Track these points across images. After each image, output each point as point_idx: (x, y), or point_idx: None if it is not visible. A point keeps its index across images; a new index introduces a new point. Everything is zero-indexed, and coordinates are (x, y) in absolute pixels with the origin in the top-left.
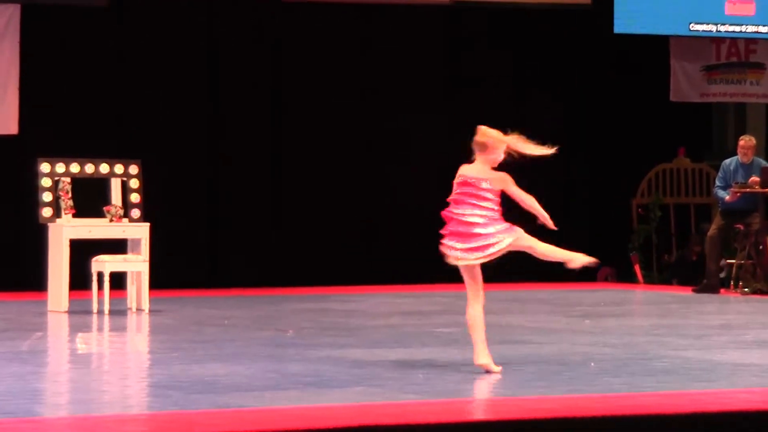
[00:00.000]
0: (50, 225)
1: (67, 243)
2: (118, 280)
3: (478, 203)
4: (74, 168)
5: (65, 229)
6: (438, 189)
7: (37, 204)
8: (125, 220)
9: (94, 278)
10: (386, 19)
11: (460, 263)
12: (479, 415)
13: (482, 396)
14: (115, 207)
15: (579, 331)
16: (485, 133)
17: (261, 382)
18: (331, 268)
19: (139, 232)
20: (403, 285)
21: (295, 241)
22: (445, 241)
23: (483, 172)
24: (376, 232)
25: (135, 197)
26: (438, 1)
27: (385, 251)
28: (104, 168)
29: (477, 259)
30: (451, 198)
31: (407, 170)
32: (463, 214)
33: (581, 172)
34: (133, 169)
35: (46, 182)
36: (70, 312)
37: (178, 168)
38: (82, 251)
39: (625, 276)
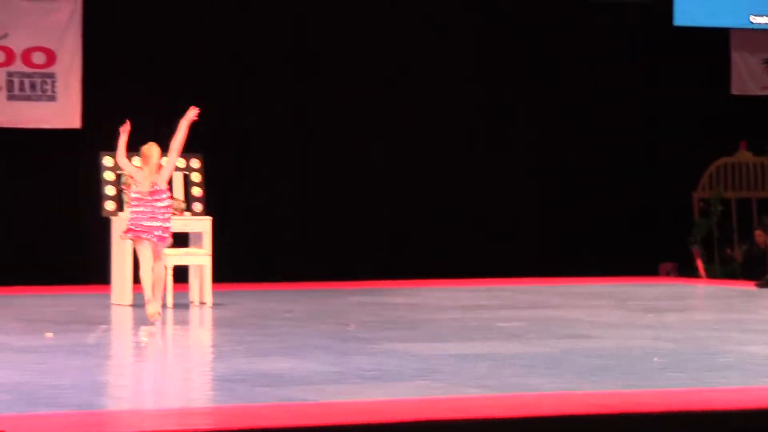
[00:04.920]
0: (113, 218)
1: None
2: (181, 274)
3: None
4: (137, 162)
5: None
6: (499, 187)
7: (100, 197)
8: (187, 213)
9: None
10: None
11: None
12: (540, 409)
13: (543, 390)
14: (178, 201)
15: (640, 325)
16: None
17: (323, 376)
18: (393, 263)
19: (202, 225)
20: (464, 279)
21: (357, 235)
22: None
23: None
24: (438, 226)
25: (197, 191)
26: None
27: (447, 246)
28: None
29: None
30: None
31: (469, 167)
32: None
33: (642, 166)
34: (195, 163)
35: (108, 176)
36: (134, 305)
37: (240, 162)
38: None
39: (687, 270)
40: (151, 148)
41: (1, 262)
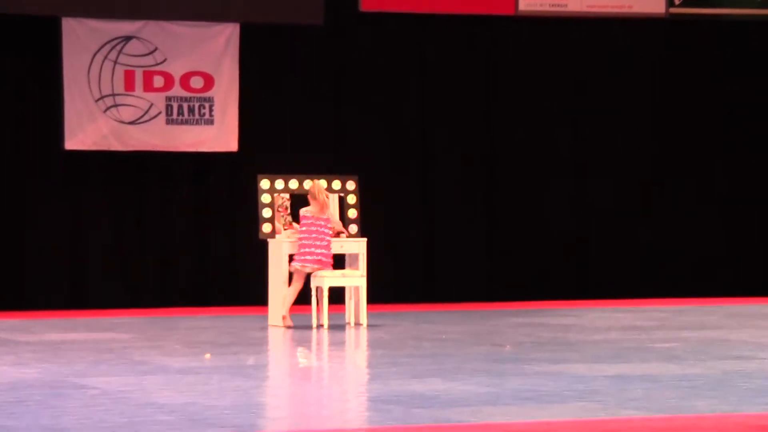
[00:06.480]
0: (270, 240)
1: (287, 258)
2: (337, 295)
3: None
4: (293, 184)
5: (284, 245)
6: (647, 205)
7: (257, 220)
8: (343, 235)
9: (313, 293)
10: (600, 32)
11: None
12: (700, 431)
13: (702, 412)
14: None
15: None
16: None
17: (479, 397)
18: (547, 283)
19: (357, 247)
20: (620, 300)
21: (510, 255)
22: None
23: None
24: (589, 246)
25: (352, 213)
26: (653, 14)
27: (600, 265)
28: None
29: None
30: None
31: (615, 186)
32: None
33: None
34: (351, 185)
35: (265, 198)
36: (291, 327)
37: (395, 183)
38: None
39: None
40: (315, 185)
41: (166, 285)
